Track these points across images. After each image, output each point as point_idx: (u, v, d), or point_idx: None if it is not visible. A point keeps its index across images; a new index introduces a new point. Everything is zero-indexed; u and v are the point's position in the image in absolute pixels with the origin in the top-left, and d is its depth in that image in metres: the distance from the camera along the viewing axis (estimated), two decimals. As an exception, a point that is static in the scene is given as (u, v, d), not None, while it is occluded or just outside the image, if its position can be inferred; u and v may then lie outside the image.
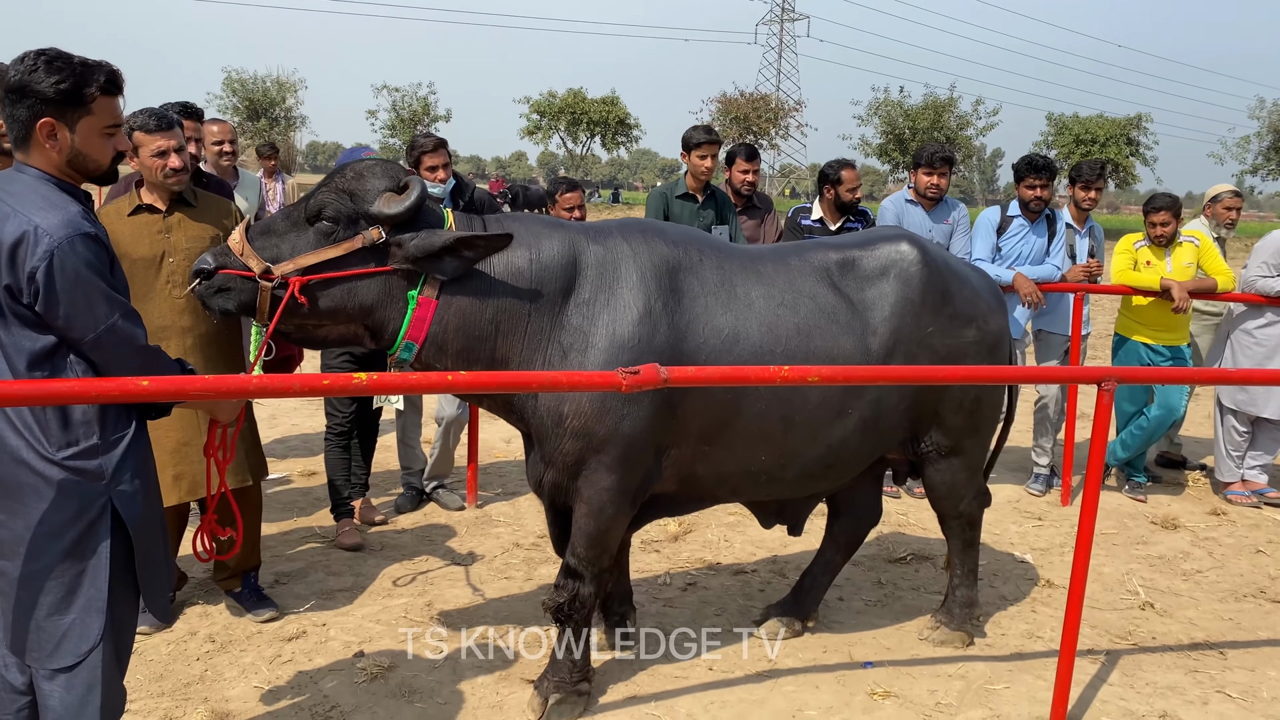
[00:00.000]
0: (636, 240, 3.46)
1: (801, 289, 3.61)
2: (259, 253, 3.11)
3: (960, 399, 3.89)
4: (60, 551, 2.46)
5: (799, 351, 3.51)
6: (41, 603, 2.47)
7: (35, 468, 2.42)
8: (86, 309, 2.39)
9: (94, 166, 2.52)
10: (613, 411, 3.29)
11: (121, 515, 2.51)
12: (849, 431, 3.68)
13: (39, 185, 2.43)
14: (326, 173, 3.67)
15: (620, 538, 3.62)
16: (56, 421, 2.44)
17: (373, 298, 3.19)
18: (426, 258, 3.15)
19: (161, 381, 2.36)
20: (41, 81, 2.38)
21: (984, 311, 3.92)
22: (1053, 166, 6.17)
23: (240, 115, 51.08)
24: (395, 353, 3.28)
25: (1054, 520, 5.96)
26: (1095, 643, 4.35)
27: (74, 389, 2.30)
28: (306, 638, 4.10)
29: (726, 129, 52.82)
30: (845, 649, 4.19)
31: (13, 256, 2.33)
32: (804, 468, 3.71)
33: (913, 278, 3.73)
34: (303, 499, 5.86)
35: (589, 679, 3.67)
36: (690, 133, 5.79)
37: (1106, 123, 47.65)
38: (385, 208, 3.13)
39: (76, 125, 2.45)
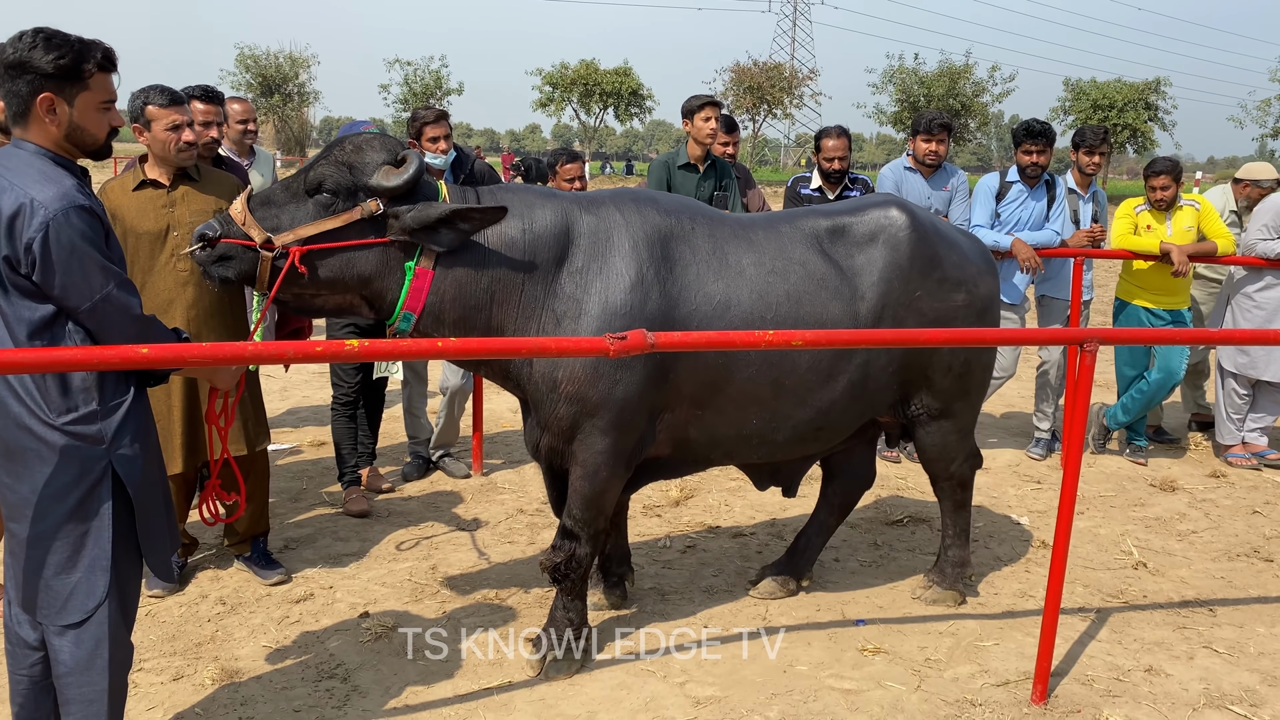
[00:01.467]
0: (629, 209, 3.54)
1: (792, 256, 3.67)
2: (260, 223, 3.20)
3: (949, 362, 3.95)
4: (64, 513, 2.57)
5: (789, 318, 3.58)
6: (49, 562, 2.59)
7: (37, 433, 2.53)
8: (82, 279, 2.48)
9: (90, 140, 2.60)
10: (605, 376, 3.38)
11: (122, 478, 2.62)
12: (838, 394, 3.75)
13: (36, 160, 2.52)
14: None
15: (615, 500, 3.71)
16: (56, 388, 2.54)
17: (370, 268, 3.28)
18: (423, 229, 3.23)
19: (160, 349, 2.44)
20: (41, 58, 2.46)
21: (973, 275, 3.97)
22: (1050, 132, 6.18)
23: (254, 91, 51.18)
24: (394, 323, 3.37)
25: (1053, 484, 6.02)
26: (1087, 601, 4.43)
27: (76, 356, 2.39)
28: (314, 600, 4.22)
29: (740, 98, 52.57)
30: (839, 607, 4.28)
31: (10, 228, 2.42)
32: (794, 430, 3.79)
33: (901, 243, 3.79)
34: (312, 468, 5.99)
35: (587, 637, 3.78)
36: (688, 101, 5.81)
37: (1124, 87, 47.16)
38: (383, 180, 3.21)
39: (75, 100, 2.53)
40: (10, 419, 2.54)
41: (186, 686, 3.53)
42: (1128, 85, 47.34)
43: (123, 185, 4.00)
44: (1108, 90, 47.31)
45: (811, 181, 6.21)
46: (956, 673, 3.77)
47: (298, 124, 52.94)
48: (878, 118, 50.30)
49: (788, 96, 54.65)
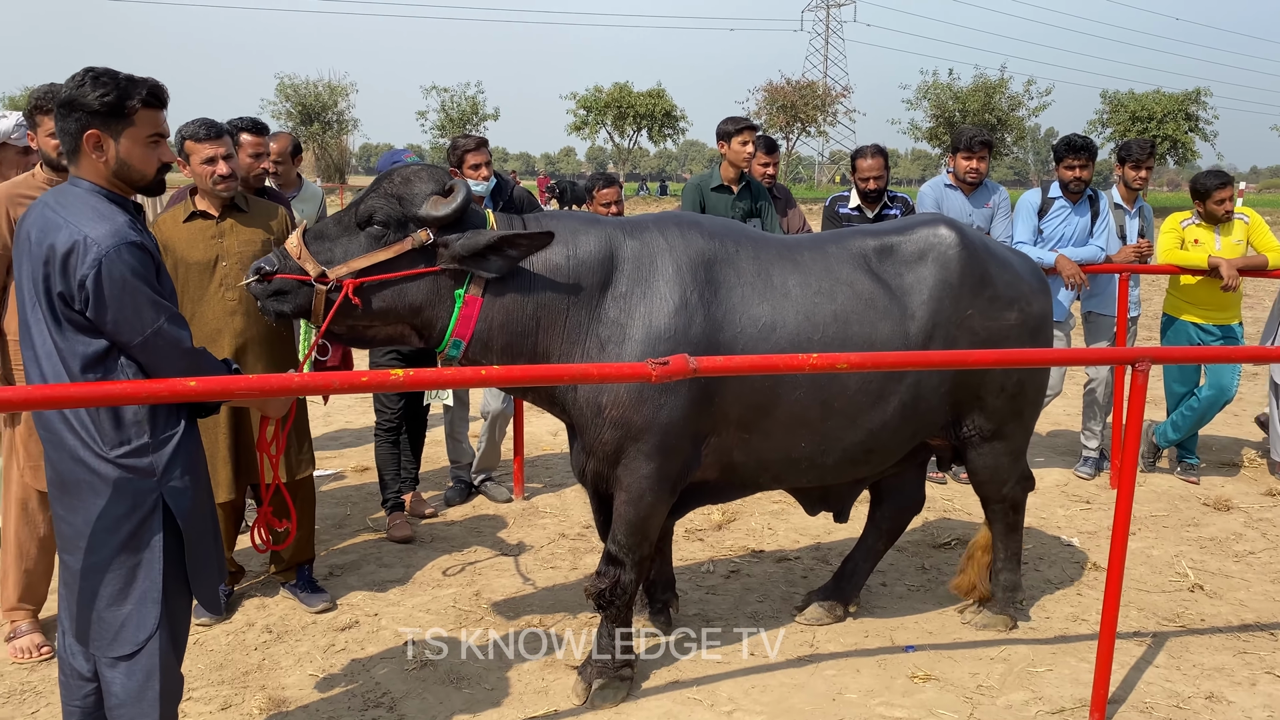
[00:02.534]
0: (672, 233, 3.54)
1: (839, 276, 3.64)
2: (314, 257, 3.23)
3: (1002, 382, 3.89)
4: (116, 545, 2.60)
5: (836, 339, 3.55)
6: (101, 594, 2.61)
7: (91, 465, 2.56)
8: (134, 314, 2.51)
9: (138, 177, 2.64)
10: (650, 401, 3.37)
11: (172, 510, 2.64)
12: (889, 416, 3.70)
13: (89, 197, 2.57)
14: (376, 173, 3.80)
15: (660, 525, 3.69)
16: (109, 421, 2.57)
17: (422, 297, 3.31)
18: (472, 257, 3.26)
19: (208, 382, 2.47)
20: (88, 95, 2.52)
21: (1026, 294, 3.92)
22: (1092, 146, 6.10)
23: (294, 120, 52.00)
24: (444, 350, 3.39)
25: (1102, 504, 5.91)
26: (1142, 625, 4.33)
27: (126, 390, 2.42)
28: (359, 627, 4.23)
29: (774, 117, 52.57)
30: (887, 633, 4.21)
31: (64, 265, 2.46)
32: (845, 453, 3.74)
33: (950, 260, 3.75)
34: (355, 493, 6.02)
35: (632, 665, 3.75)
36: (725, 124, 5.80)
37: (1164, 98, 46.55)
38: (433, 210, 3.24)
39: (121, 136, 2.57)
40: (65, 451, 2.58)
41: (234, 716, 3.54)
42: (1167, 96, 46.72)
43: (174, 217, 4.07)
44: (1146, 102, 46.74)
45: (850, 200, 6.17)
46: (1010, 700, 3.69)
47: (337, 151, 53.68)
48: (912, 133, 50.08)
49: (821, 114, 54.55)
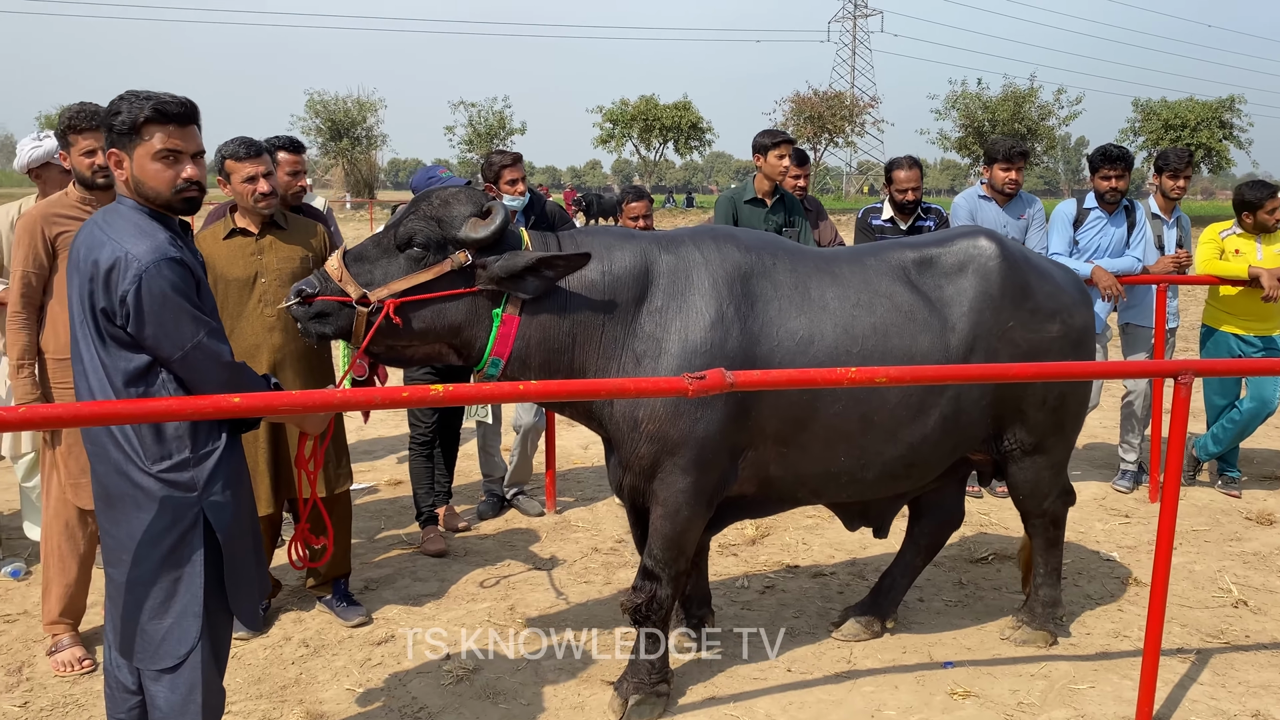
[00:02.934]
0: (708, 247, 3.53)
1: (878, 289, 3.62)
2: (355, 278, 3.26)
3: (1044, 395, 3.85)
4: (158, 558, 2.63)
5: (876, 351, 3.53)
6: (144, 606, 2.64)
7: (134, 479, 2.60)
8: (174, 328, 2.55)
9: (152, 194, 2.62)
10: (686, 415, 3.37)
11: (213, 525, 2.66)
12: (929, 429, 3.67)
13: (133, 215, 2.62)
14: (406, 187, 3.83)
15: (697, 540, 3.68)
16: (151, 436, 2.60)
17: (460, 317, 3.33)
18: (510, 278, 3.27)
19: (251, 398, 2.49)
20: (109, 117, 2.60)
21: (1067, 306, 3.88)
22: (1129, 157, 6.04)
23: (323, 136, 52.56)
24: (483, 368, 3.40)
25: (1141, 517, 5.83)
26: (1185, 642, 4.26)
27: (170, 407, 2.45)
28: (395, 642, 4.24)
29: (801, 128, 52.52)
30: (925, 649, 4.17)
31: (107, 281, 2.51)
32: (885, 467, 3.71)
33: (991, 272, 3.73)
34: (389, 507, 6.05)
35: (668, 680, 3.73)
36: (761, 137, 5.78)
37: (1197, 106, 46.08)
38: (472, 232, 3.26)
39: (133, 154, 2.61)
40: (110, 465, 2.61)
41: (273, 730, 3.56)
42: (1200, 104, 46.24)
43: (214, 234, 4.13)
44: (1179, 109, 46.26)
45: (883, 212, 6.15)
46: (1052, 717, 3.64)
47: (366, 166, 54.14)
48: (941, 143, 49.88)
49: (849, 125, 54.47)
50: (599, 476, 6.65)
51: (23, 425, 2.66)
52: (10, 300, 3.94)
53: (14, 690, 3.82)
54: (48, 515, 4.03)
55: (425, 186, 4.80)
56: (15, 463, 4.90)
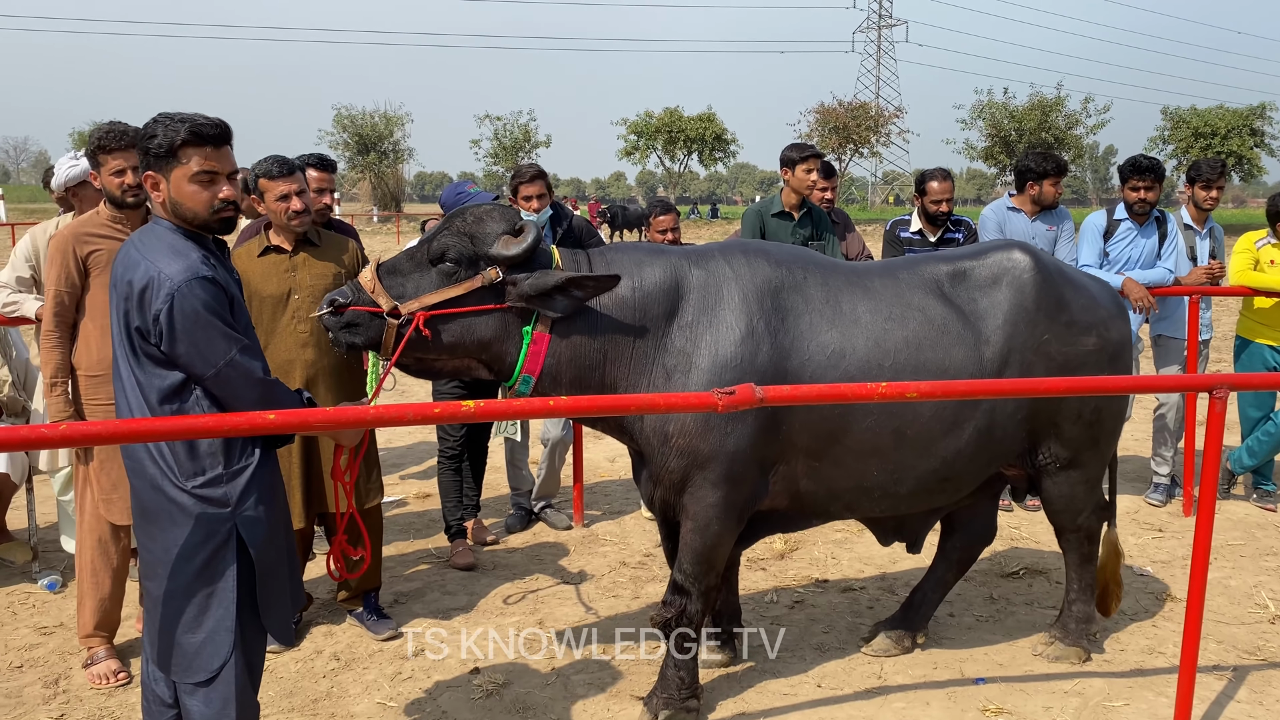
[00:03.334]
0: (738, 261, 3.55)
1: (910, 302, 3.62)
2: (387, 290, 3.30)
3: (1079, 409, 3.83)
4: (192, 573, 2.66)
5: (908, 365, 3.52)
6: (179, 620, 2.67)
7: (169, 495, 2.63)
8: (206, 346, 2.58)
9: (190, 215, 2.66)
10: (716, 429, 3.37)
11: (245, 540, 2.69)
12: (963, 443, 3.66)
13: (167, 235, 2.66)
14: (433, 201, 3.86)
15: (727, 554, 3.67)
16: (185, 452, 2.63)
17: (489, 333, 3.36)
18: (539, 296, 3.30)
19: (286, 414, 2.52)
20: (144, 140, 2.63)
21: (1104, 319, 3.86)
22: (1160, 168, 5.99)
23: (350, 150, 53.02)
24: (513, 385, 3.43)
25: (1175, 531, 5.76)
26: (1222, 658, 4.20)
27: (206, 423, 2.47)
28: (425, 655, 4.26)
29: (826, 139, 52.42)
30: (956, 665, 4.14)
31: (141, 301, 2.56)
32: (919, 481, 3.69)
33: (1025, 285, 3.72)
34: (418, 521, 6.08)
35: (698, 695, 3.72)
36: (789, 150, 5.78)
37: (1227, 114, 45.65)
38: (504, 250, 3.30)
39: (170, 176, 2.65)
40: (146, 480, 2.65)
41: (305, 743, 3.58)
42: (1230, 111, 45.80)
43: (248, 252, 4.18)
44: (1209, 117, 45.84)
45: (911, 224, 6.12)
46: (1086, 736, 3.60)
47: (393, 180, 54.59)
48: (968, 153, 49.62)
49: (874, 135, 54.32)
50: (626, 490, 6.65)
51: (62, 442, 2.69)
52: (44, 319, 4.00)
53: (51, 702, 3.86)
54: (81, 530, 4.08)
55: (454, 202, 4.84)
56: (52, 477, 4.97)
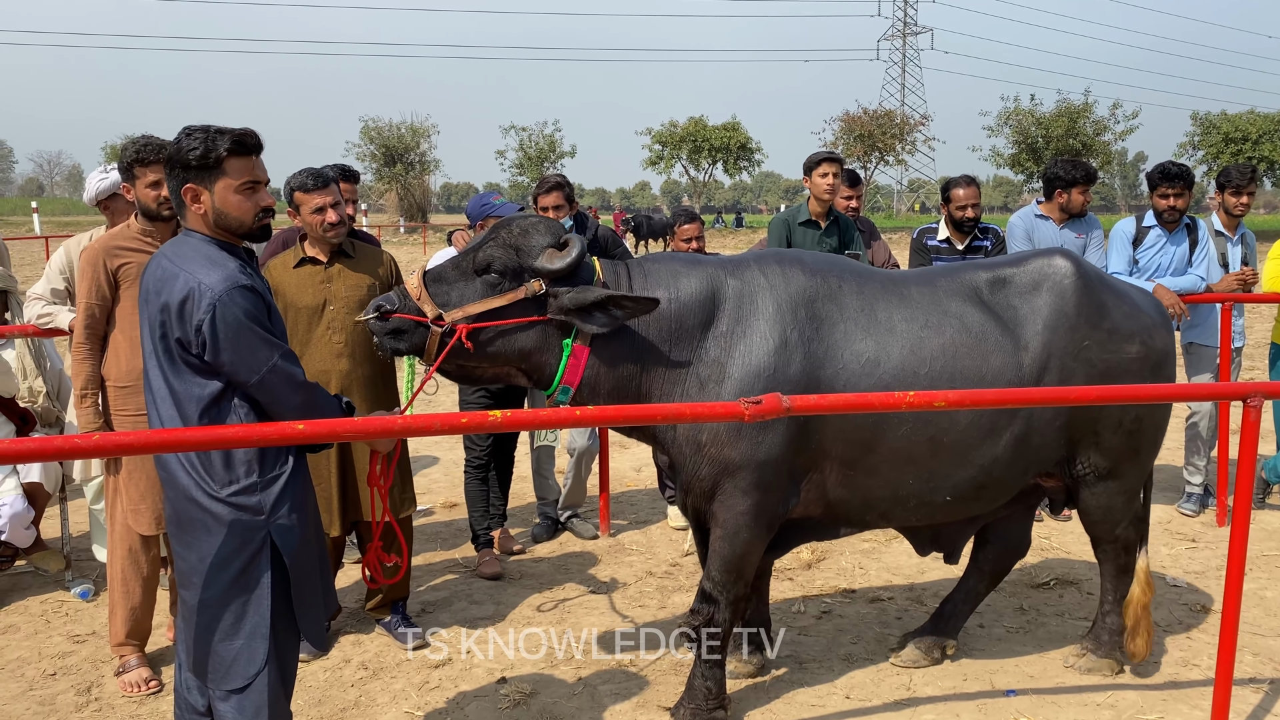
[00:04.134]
0: (773, 271, 3.57)
1: (947, 310, 3.62)
2: (432, 299, 3.35)
3: (1120, 418, 3.79)
4: (228, 581, 2.68)
5: (944, 373, 3.52)
6: (214, 628, 2.70)
7: (203, 504, 2.66)
8: (249, 353, 2.62)
9: (236, 224, 2.73)
10: (747, 438, 3.39)
11: (279, 548, 2.71)
12: (1000, 450, 3.64)
13: (202, 246, 2.70)
14: (459, 211, 3.89)
15: (756, 563, 3.68)
16: (220, 461, 2.66)
17: (530, 344, 3.41)
18: (579, 310, 3.35)
19: (316, 425, 2.54)
20: (181, 152, 2.66)
21: (1146, 327, 3.83)
22: (1189, 174, 5.93)
23: (377, 161, 53.40)
24: (553, 394, 3.48)
25: (1209, 542, 5.68)
26: (1259, 671, 4.14)
27: (238, 433, 2.50)
28: (452, 665, 4.27)
29: (851, 147, 52.29)
30: (987, 677, 4.10)
31: (181, 312, 2.59)
32: (955, 490, 3.68)
33: (1066, 290, 3.70)
34: (445, 530, 6.10)
35: (725, 706, 3.71)
36: (812, 155, 5.82)
37: (1259, 119, 45.05)
38: (548, 263, 3.35)
39: (214, 187, 2.69)
40: (179, 491, 2.68)
41: (334, 752, 3.60)
42: (1262, 116, 45.20)
43: (284, 262, 4.22)
44: (1240, 123, 45.27)
45: (939, 232, 6.08)
46: (1120, 749, 3.55)
47: (419, 191, 54.92)
48: (995, 160, 49.28)
49: (900, 143, 54.11)
50: (652, 499, 6.64)
51: (95, 452, 2.74)
52: (75, 331, 4.06)
53: (83, 710, 3.90)
54: (112, 540, 4.12)
55: (479, 213, 4.91)
56: (85, 486, 5.03)
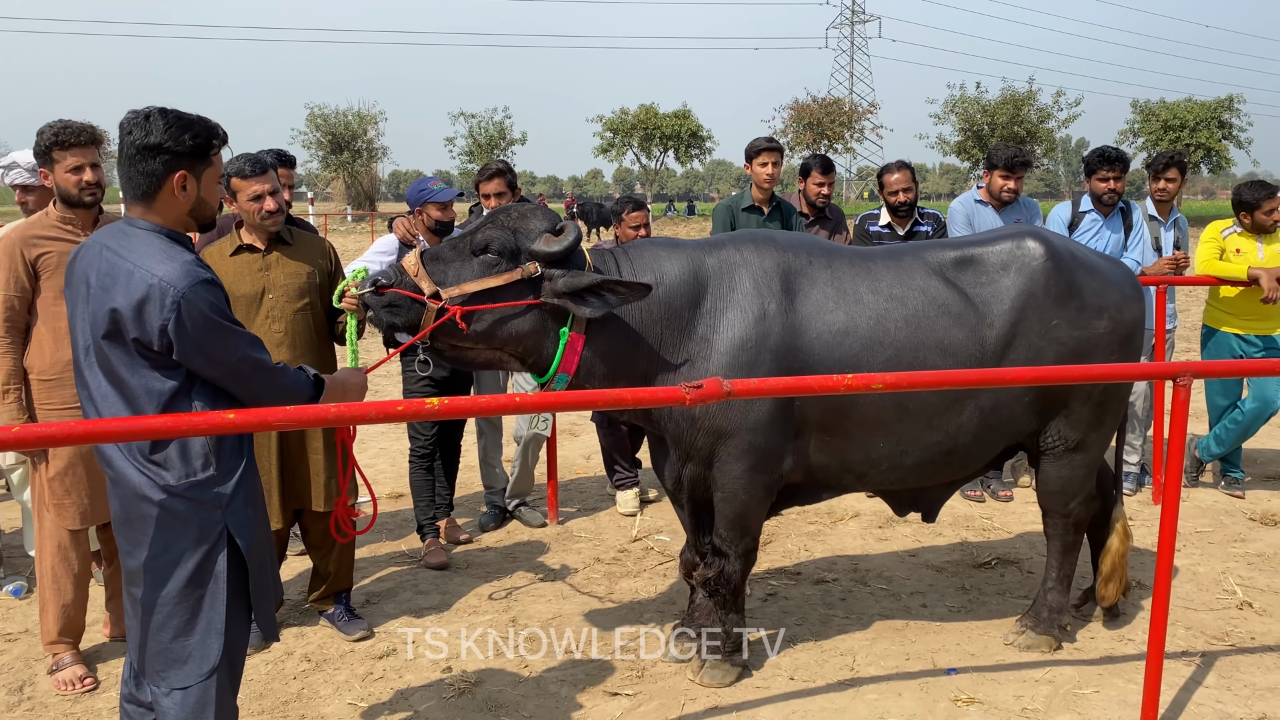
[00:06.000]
0: (748, 249, 3.75)
1: (911, 283, 3.77)
2: (429, 276, 3.40)
3: (1089, 390, 3.94)
4: (184, 577, 2.63)
5: (908, 342, 3.69)
6: (167, 625, 2.64)
7: (156, 500, 2.58)
8: (219, 346, 2.58)
9: (209, 213, 2.75)
10: (737, 407, 3.60)
11: (237, 541, 2.67)
12: (965, 419, 3.81)
13: (153, 239, 2.60)
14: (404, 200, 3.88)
15: (760, 520, 3.91)
16: (177, 455, 2.60)
17: (525, 327, 3.50)
18: (572, 294, 3.43)
19: (246, 414, 2.48)
20: (178, 138, 2.59)
21: (1116, 302, 3.94)
22: (1125, 158, 6.03)
23: (324, 149, 52.64)
24: (548, 383, 3.57)
25: (1145, 519, 5.81)
26: (1190, 644, 4.24)
27: (164, 424, 2.44)
28: (396, 655, 4.23)
29: (800, 135, 52.56)
30: (929, 656, 4.15)
31: (140, 313, 2.49)
32: (923, 453, 3.86)
33: (1035, 271, 3.83)
34: (390, 520, 6.04)
35: (740, 649, 4.00)
36: (752, 142, 5.85)
37: (1195, 106, 46.10)
38: (545, 246, 3.45)
39: (202, 176, 2.67)
40: (129, 489, 2.60)
41: (275, 746, 3.55)
42: (1199, 104, 46.23)
43: (220, 250, 4.13)
44: (1178, 110, 46.26)
45: (880, 218, 6.14)
46: (1056, 723, 3.62)
47: (367, 179, 54.26)
48: (941, 148, 49.88)
49: (848, 131, 54.49)
50: (601, 486, 6.64)
51: (16, 445, 2.65)
52: None
53: (15, 710, 3.81)
54: (40, 536, 4.01)
55: (418, 198, 4.95)
56: (11, 475, 4.90)
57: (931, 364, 3.68)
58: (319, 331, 4.24)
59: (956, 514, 5.88)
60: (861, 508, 5.97)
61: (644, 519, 5.98)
